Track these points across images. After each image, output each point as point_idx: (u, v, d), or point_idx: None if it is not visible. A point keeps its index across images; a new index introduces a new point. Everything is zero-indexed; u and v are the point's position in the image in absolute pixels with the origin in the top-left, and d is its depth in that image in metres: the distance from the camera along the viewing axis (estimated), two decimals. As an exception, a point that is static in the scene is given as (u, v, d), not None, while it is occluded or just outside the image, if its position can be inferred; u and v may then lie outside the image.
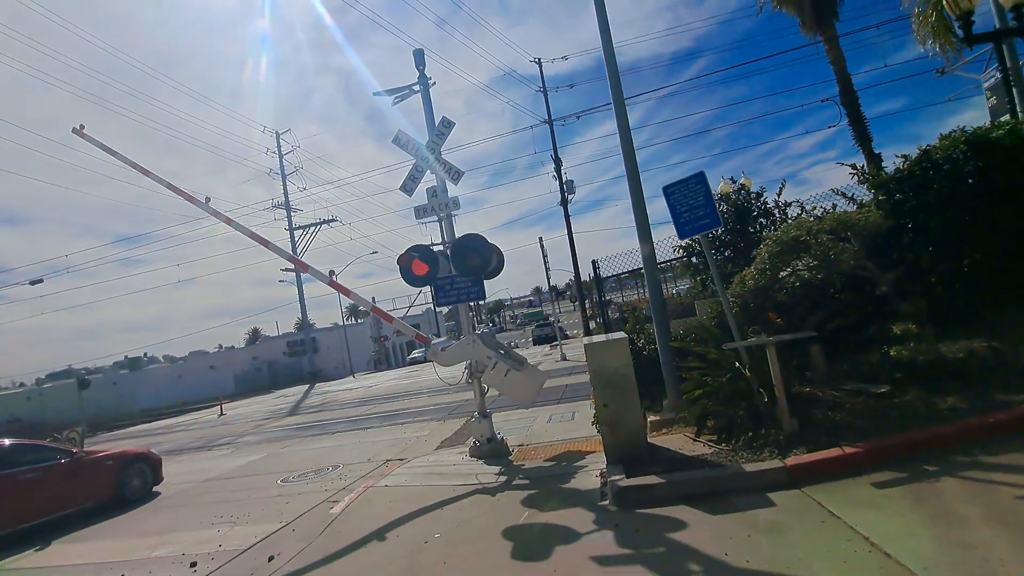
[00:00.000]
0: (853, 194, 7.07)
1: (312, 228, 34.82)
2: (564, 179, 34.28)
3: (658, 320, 6.43)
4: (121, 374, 54.21)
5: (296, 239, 34.95)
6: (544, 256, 27.17)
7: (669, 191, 5.48)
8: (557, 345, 24.68)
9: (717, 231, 7.40)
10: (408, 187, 7.30)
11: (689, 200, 5.33)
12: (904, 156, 6.82)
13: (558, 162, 33.81)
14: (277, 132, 34.56)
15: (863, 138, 19.12)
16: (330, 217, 35.05)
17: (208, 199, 8.27)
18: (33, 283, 23.06)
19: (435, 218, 7.47)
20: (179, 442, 17.01)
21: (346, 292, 8.29)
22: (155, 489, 8.94)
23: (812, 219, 6.15)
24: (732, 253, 7.62)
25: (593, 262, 7.77)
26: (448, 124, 7.18)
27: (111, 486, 8.25)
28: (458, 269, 7.20)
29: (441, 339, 8.67)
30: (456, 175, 7.14)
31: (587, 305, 35.23)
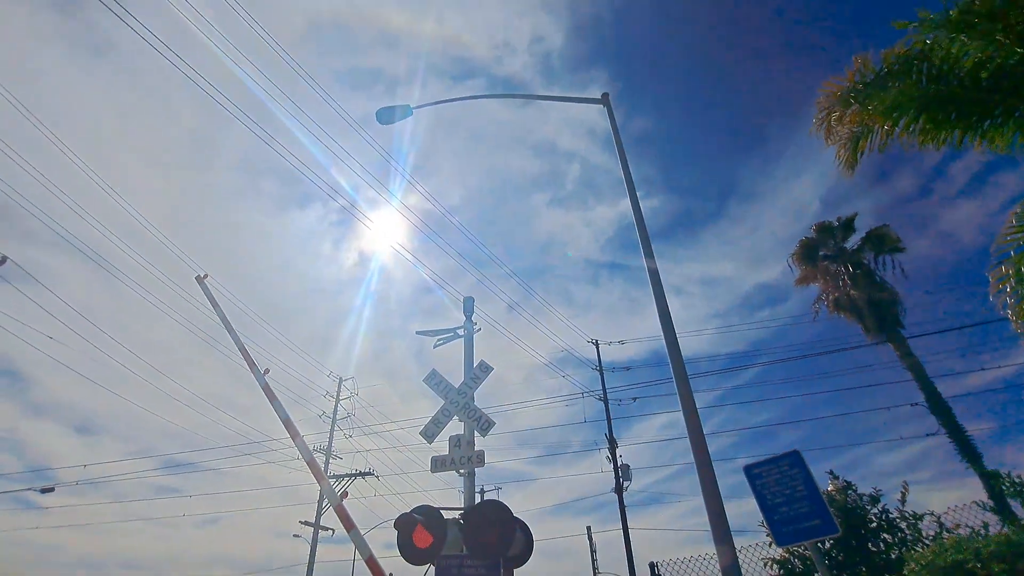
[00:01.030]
0: (1011, 515, 5.22)
1: (348, 479, 32.70)
2: (619, 462, 31.71)
3: None
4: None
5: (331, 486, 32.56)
6: (592, 552, 22.94)
7: (754, 474, 4.12)
8: None
9: (825, 544, 5.43)
10: (429, 431, 6.32)
11: (784, 489, 3.90)
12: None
13: (612, 442, 31.75)
14: (340, 378, 36.11)
15: (970, 453, 16.45)
16: (368, 470, 33.12)
17: (267, 371, 8.25)
18: (44, 491, 21.83)
19: (455, 473, 6.20)
20: None
21: (349, 525, 6.85)
22: None
23: (979, 539, 4.31)
24: (850, 580, 5.43)
25: (651, 566, 5.77)
26: (485, 368, 6.60)
27: None
28: (470, 547, 5.52)
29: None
30: (485, 425, 6.15)
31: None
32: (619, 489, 30.21)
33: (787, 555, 5.77)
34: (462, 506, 6.09)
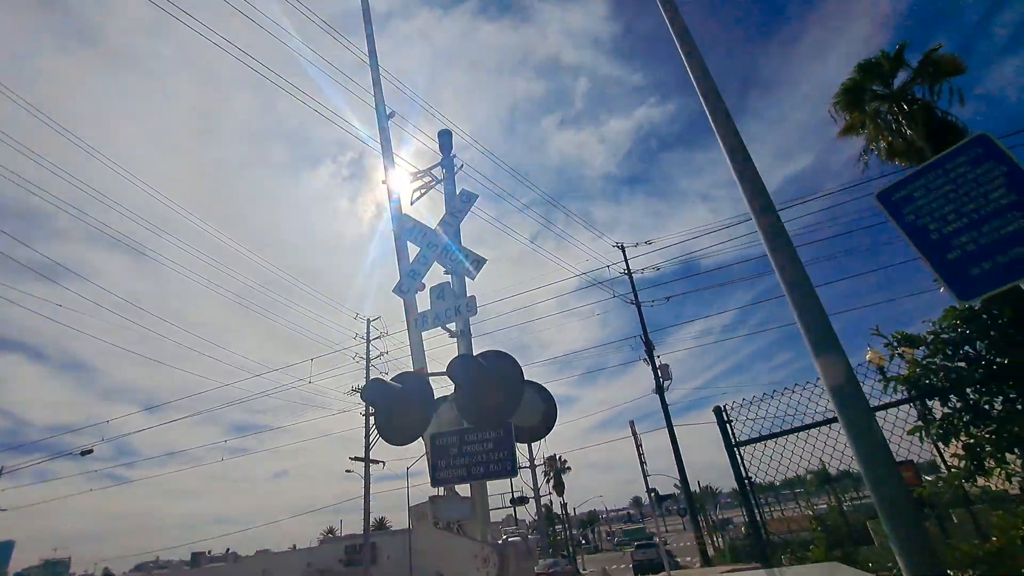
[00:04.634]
0: None
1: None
2: (658, 363, 30.83)
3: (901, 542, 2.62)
4: (184, 571, 50.89)
5: (372, 432, 33.03)
6: (638, 445, 22.29)
7: (897, 200, 2.41)
8: (664, 576, 18.20)
9: None
10: (404, 286, 4.80)
11: (963, 207, 2.19)
12: None
13: (649, 344, 30.81)
14: (368, 319, 35.53)
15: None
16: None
17: (392, 113, 7.39)
18: (83, 453, 22.56)
19: (444, 333, 4.71)
20: None
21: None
22: None
23: None
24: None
25: (717, 411, 4.26)
26: (468, 198, 4.95)
27: None
28: (468, 416, 4.11)
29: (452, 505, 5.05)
30: (475, 263, 4.58)
31: (700, 522, 27.83)
32: (660, 389, 29.41)
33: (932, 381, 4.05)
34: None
